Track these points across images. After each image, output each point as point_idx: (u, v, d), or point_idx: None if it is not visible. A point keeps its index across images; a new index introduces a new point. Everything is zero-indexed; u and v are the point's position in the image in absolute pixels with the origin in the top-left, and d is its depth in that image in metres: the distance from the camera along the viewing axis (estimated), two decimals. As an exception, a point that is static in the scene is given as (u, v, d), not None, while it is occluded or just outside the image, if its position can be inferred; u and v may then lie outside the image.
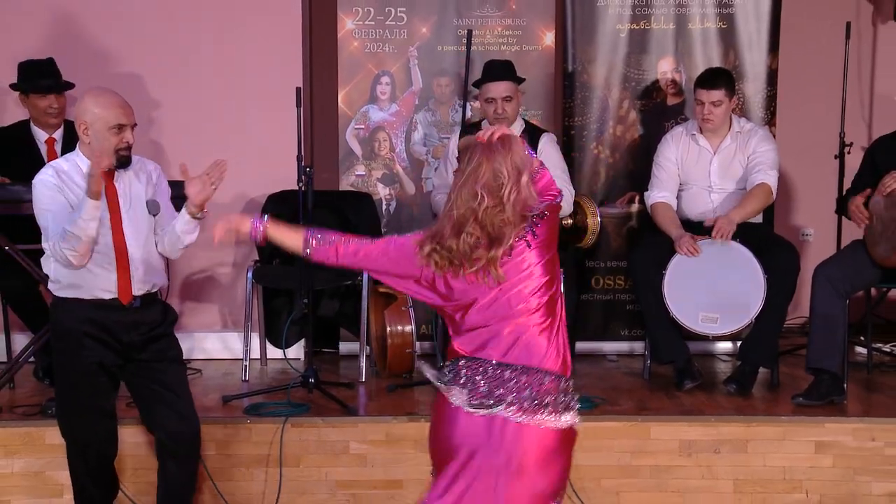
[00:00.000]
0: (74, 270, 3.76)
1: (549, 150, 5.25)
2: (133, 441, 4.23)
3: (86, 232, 3.66)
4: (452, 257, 2.96)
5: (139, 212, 3.86)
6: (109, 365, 3.85)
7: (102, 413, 3.91)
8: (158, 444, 3.97)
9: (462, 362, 3.00)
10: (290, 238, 3.08)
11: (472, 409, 2.95)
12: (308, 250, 3.05)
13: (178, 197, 4.85)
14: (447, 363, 3.06)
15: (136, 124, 3.88)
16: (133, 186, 3.88)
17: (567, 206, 5.21)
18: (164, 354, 3.90)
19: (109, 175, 3.80)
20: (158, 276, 3.93)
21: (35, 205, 3.81)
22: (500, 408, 2.93)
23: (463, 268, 2.97)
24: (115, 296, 3.80)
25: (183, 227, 3.80)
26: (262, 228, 3.08)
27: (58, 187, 3.77)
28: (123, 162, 3.81)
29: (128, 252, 3.79)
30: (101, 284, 3.79)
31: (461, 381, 2.97)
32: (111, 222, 3.77)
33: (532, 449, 2.95)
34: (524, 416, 2.95)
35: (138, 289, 3.84)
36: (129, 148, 3.81)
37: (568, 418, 3.01)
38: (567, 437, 3.03)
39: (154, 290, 3.93)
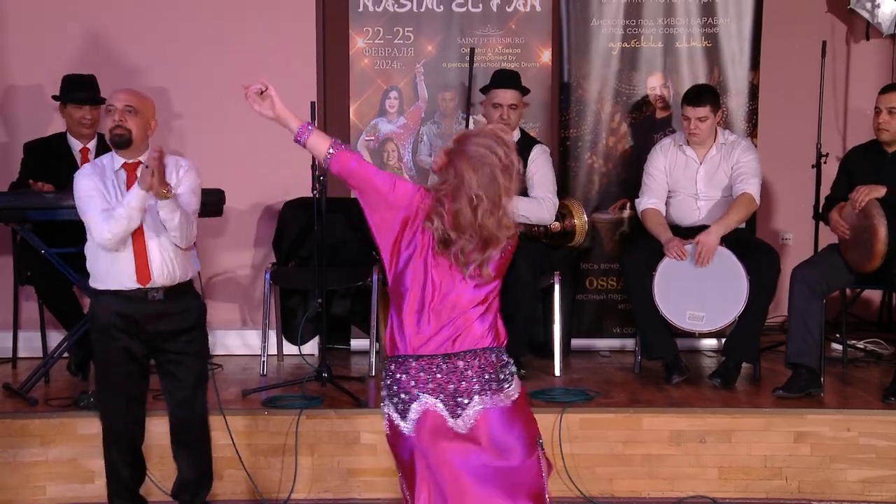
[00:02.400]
0: (108, 253, 3.77)
1: (540, 160, 5.25)
2: (159, 431, 4.24)
3: (131, 218, 3.69)
4: (448, 246, 2.88)
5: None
6: (137, 353, 3.86)
7: (130, 398, 3.92)
8: (170, 431, 4.02)
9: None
10: (319, 142, 3.00)
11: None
12: (331, 150, 2.97)
13: (204, 204, 4.88)
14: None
15: (131, 108, 3.81)
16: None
17: (549, 216, 5.22)
18: (188, 347, 3.91)
19: (135, 167, 3.82)
20: (180, 269, 3.88)
21: (76, 197, 3.82)
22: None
23: (450, 258, 2.88)
24: (138, 284, 3.79)
25: (161, 213, 3.76)
26: (310, 129, 2.99)
27: (94, 175, 3.81)
28: (116, 142, 3.80)
29: (145, 239, 3.79)
30: (125, 271, 3.79)
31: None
32: None
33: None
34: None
35: (160, 279, 3.82)
36: (120, 128, 3.78)
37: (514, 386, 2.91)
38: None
39: (178, 283, 3.89)
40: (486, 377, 2.89)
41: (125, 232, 3.73)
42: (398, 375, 2.92)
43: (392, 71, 5.88)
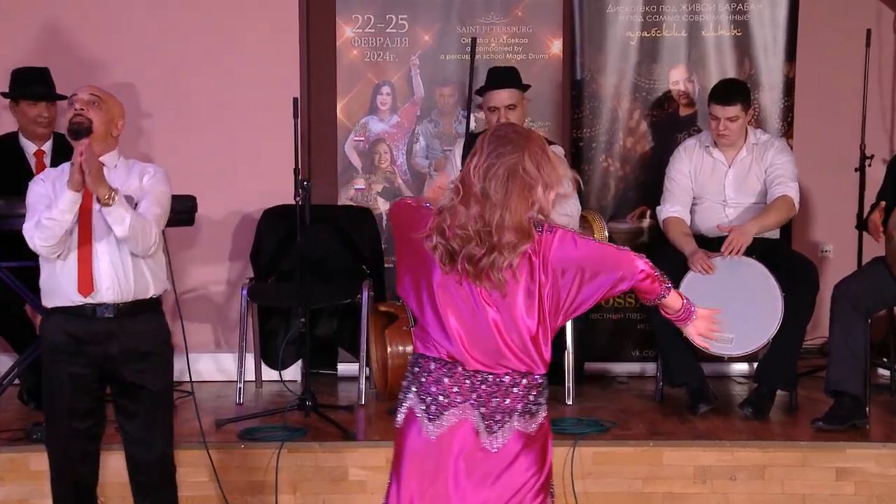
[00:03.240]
0: (53, 264, 3.72)
1: (555, 162, 5.25)
2: (121, 466, 4.19)
3: (60, 223, 3.63)
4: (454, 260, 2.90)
5: None
6: (86, 380, 3.77)
7: (77, 433, 3.80)
8: (127, 471, 3.94)
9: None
10: None
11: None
12: None
13: (174, 212, 4.85)
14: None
15: (96, 99, 3.76)
16: (117, 182, 3.79)
17: (574, 223, 5.20)
18: (143, 376, 3.82)
19: None
20: (138, 284, 3.83)
21: (27, 205, 3.80)
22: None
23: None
24: (81, 297, 3.73)
25: (108, 219, 3.71)
26: None
27: (48, 181, 3.77)
28: (73, 129, 3.71)
29: (92, 246, 3.73)
30: (68, 283, 3.73)
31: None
32: (80, 212, 3.70)
33: None
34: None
35: (109, 293, 3.75)
36: (80, 115, 3.74)
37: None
38: None
39: (135, 300, 3.82)
40: (531, 398, 2.93)
41: (56, 238, 3.65)
42: (440, 376, 2.91)
43: (384, 63, 5.87)
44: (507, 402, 2.91)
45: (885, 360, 5.61)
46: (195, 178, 5.59)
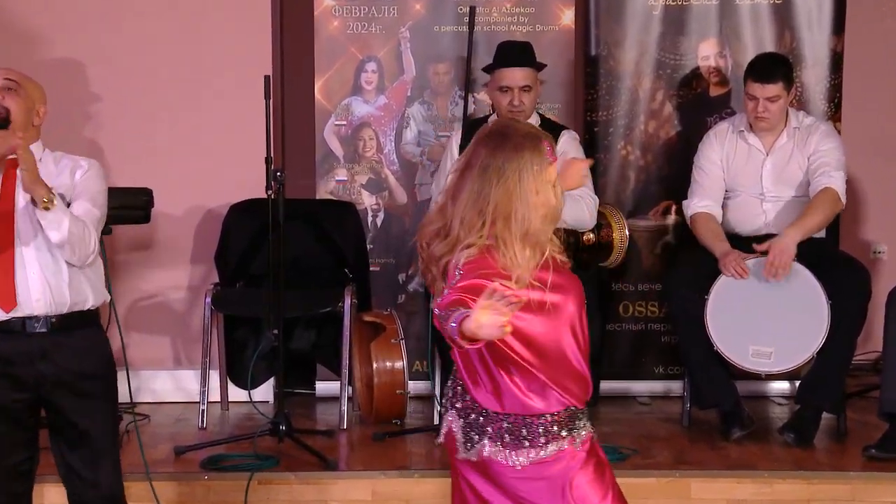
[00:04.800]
0: None
1: (570, 150, 5.25)
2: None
3: None
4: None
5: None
6: (12, 406, 3.72)
7: (2, 472, 3.75)
8: None
9: None
10: None
11: None
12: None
13: (126, 207, 4.84)
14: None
15: (13, 84, 3.73)
16: (48, 180, 3.78)
17: (591, 219, 5.21)
18: (82, 402, 3.79)
19: (14, 163, 3.75)
20: (73, 294, 3.78)
21: None
22: None
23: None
24: (2, 312, 3.71)
25: (43, 223, 3.69)
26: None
27: None
28: None
29: (14, 253, 3.71)
30: None
31: None
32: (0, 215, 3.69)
33: None
34: None
35: (39, 306, 3.74)
36: None
37: None
38: None
39: (70, 312, 3.80)
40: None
41: None
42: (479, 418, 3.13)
43: (369, 37, 5.87)
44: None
45: (947, 377, 5.63)
46: (151, 168, 5.62)
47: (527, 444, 3.07)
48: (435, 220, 3.11)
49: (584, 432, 3.12)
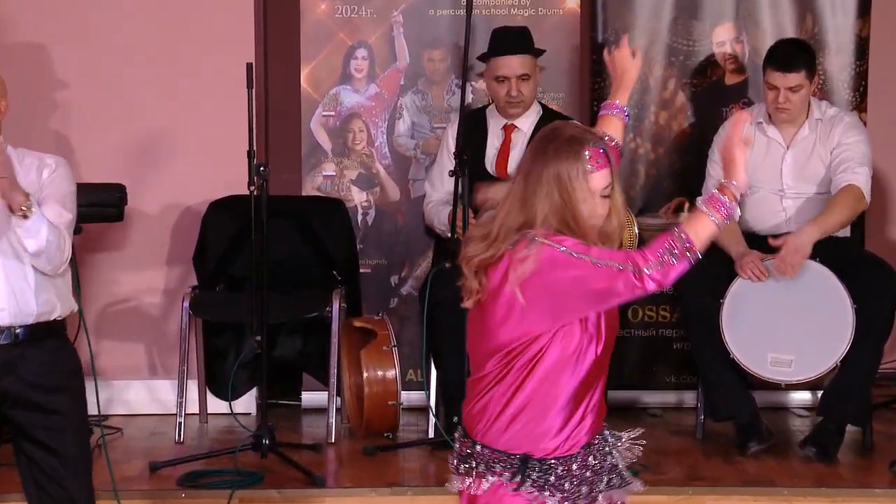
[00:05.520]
0: None
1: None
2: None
3: None
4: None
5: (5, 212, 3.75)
6: None
7: None
8: None
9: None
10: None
11: None
12: None
13: (97, 204, 4.84)
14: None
15: None
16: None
17: None
18: (48, 418, 3.79)
19: None
20: (41, 303, 3.76)
21: None
22: None
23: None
24: None
25: (18, 232, 3.68)
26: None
27: None
28: None
29: None
30: None
31: None
32: None
33: None
34: None
35: (3, 316, 3.73)
36: None
37: None
38: None
39: (36, 323, 3.78)
40: None
41: None
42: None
43: (359, 21, 5.88)
44: None
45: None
46: (125, 162, 5.62)
47: None
48: (483, 225, 3.08)
49: None
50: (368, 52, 5.90)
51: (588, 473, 3.09)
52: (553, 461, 3.03)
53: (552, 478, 3.03)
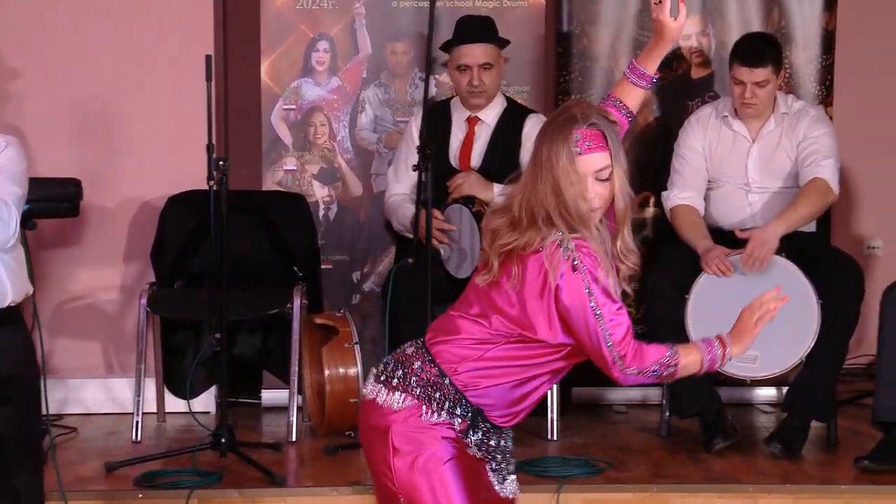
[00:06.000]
0: None
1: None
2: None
3: None
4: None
5: None
6: None
7: None
8: None
9: None
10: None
11: None
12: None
13: (52, 199, 4.82)
14: None
15: None
16: None
17: None
18: (4, 409, 3.76)
19: None
20: None
21: None
22: None
23: None
24: None
25: None
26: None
27: None
28: None
29: None
30: None
31: None
32: None
33: None
34: None
35: None
36: None
37: None
38: None
39: None
40: None
41: None
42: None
43: (320, 13, 5.87)
44: None
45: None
46: (80, 156, 5.59)
47: None
48: (508, 197, 3.14)
49: None
50: (330, 44, 5.89)
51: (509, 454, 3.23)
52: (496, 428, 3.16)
53: (492, 442, 3.15)
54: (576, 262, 2.99)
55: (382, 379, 3.16)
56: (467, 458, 3.13)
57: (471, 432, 3.11)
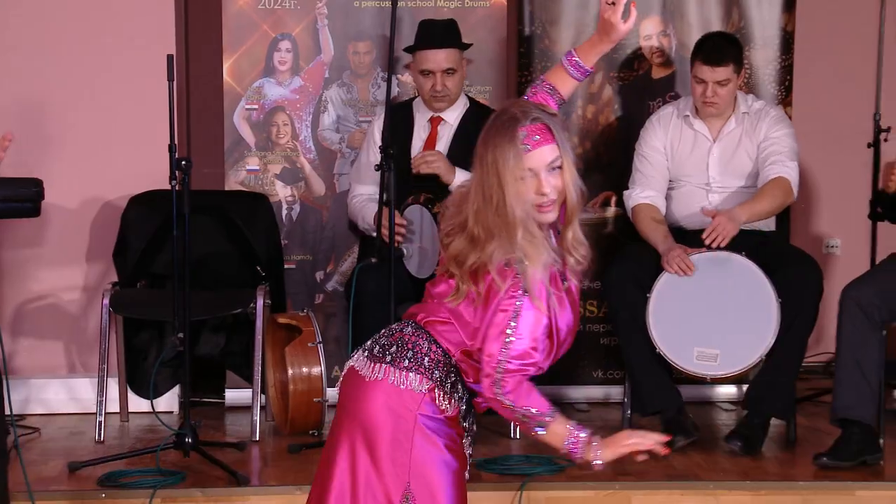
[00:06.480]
0: None
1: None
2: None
3: None
4: None
5: None
6: None
7: None
8: None
9: None
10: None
11: None
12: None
13: (12, 199, 4.81)
14: None
15: None
16: None
17: None
18: None
19: None
20: None
21: None
22: None
23: None
24: None
25: None
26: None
27: None
28: None
29: None
30: None
31: None
32: None
33: None
34: None
35: None
36: None
37: None
38: None
39: None
40: None
41: None
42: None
43: (283, 13, 5.87)
44: None
45: (903, 380, 5.75)
46: (41, 157, 5.58)
47: None
48: (457, 206, 3.13)
49: None
50: (292, 44, 5.89)
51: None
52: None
53: (474, 427, 3.24)
54: (522, 289, 3.02)
55: (388, 360, 3.13)
56: (464, 463, 3.20)
57: (468, 418, 3.19)
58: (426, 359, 3.12)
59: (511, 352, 3.02)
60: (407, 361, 3.11)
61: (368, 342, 3.21)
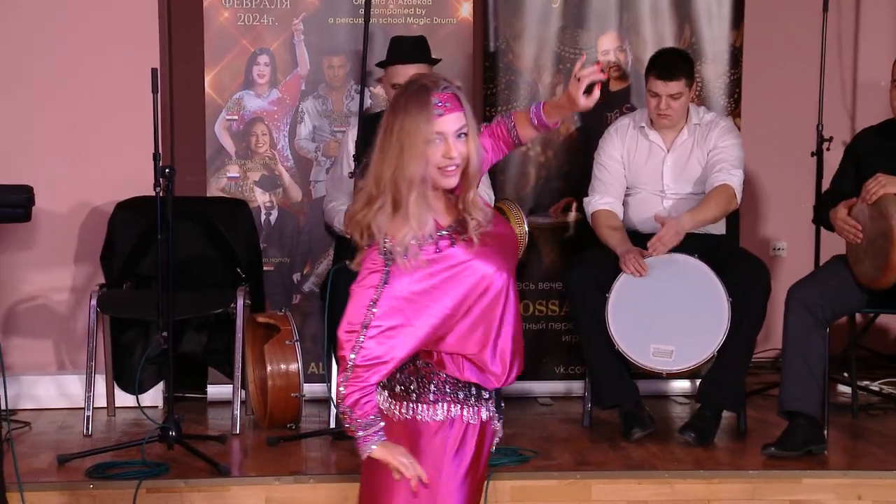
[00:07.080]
0: None
1: (467, 145, 5.29)
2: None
3: None
4: None
5: None
6: None
7: None
8: None
9: None
10: None
11: None
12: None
13: (5, 205, 4.78)
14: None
15: None
16: None
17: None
18: None
19: None
20: None
21: None
22: None
23: None
24: None
25: None
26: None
27: None
28: None
29: None
30: None
31: None
32: None
33: None
34: None
35: None
36: None
37: None
38: None
39: None
40: None
41: None
42: None
43: (262, 28, 5.85)
44: None
45: (845, 374, 5.76)
46: (32, 164, 5.56)
47: None
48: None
49: None
50: (270, 58, 5.88)
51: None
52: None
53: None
54: (387, 263, 3.02)
55: (414, 398, 3.14)
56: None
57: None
58: (432, 384, 3.19)
59: (365, 342, 3.11)
60: (431, 395, 3.20)
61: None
